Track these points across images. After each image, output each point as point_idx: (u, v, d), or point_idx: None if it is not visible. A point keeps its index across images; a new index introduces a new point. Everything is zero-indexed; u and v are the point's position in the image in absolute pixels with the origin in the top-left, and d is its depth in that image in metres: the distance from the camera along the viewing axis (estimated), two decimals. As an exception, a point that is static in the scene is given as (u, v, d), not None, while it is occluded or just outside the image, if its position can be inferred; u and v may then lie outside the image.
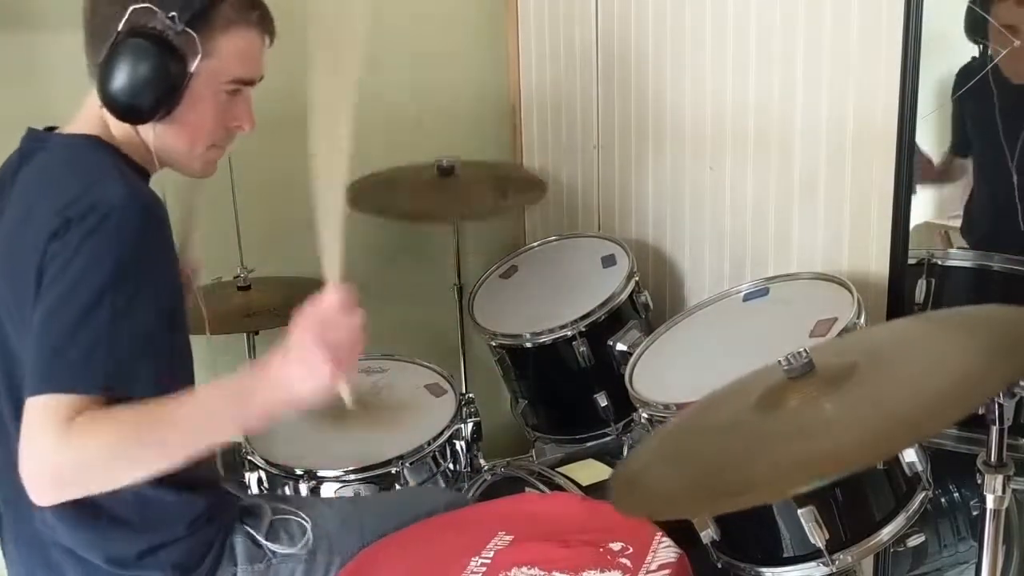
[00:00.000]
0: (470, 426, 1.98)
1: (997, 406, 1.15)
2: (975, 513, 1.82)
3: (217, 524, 1.45)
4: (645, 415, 1.72)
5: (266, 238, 2.41)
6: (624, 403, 1.91)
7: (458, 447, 1.97)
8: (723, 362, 1.73)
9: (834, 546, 1.46)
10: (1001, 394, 1.13)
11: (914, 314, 1.77)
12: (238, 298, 2.22)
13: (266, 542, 1.48)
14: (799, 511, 1.45)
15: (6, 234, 1.35)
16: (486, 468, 1.99)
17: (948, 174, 1.86)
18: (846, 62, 1.84)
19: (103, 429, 1.20)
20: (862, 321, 1.65)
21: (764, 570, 1.56)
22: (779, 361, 1.27)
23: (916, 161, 1.75)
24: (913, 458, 1.47)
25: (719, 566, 1.61)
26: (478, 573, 1.38)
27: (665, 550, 1.40)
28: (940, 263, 1.80)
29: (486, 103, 2.76)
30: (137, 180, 1.36)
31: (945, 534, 1.86)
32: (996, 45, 1.68)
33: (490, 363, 2.31)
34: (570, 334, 2.07)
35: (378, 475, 1.84)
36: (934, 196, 1.87)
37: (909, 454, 1.47)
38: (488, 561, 1.40)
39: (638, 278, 2.16)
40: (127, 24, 1.30)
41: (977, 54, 1.73)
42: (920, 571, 1.86)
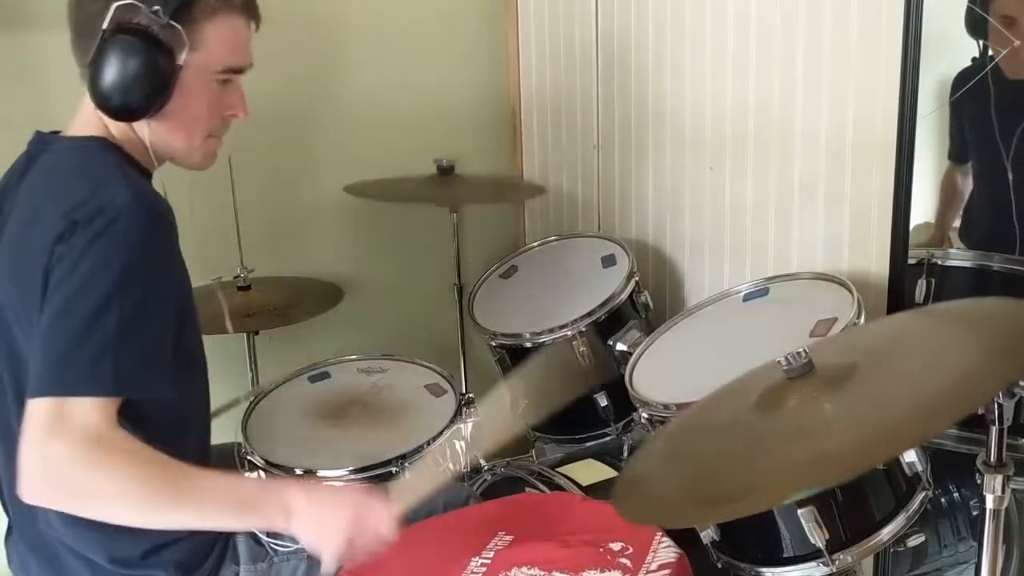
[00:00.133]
0: (470, 426, 1.98)
1: (997, 406, 1.15)
2: (975, 513, 1.82)
3: (219, 524, 1.45)
4: (645, 415, 1.72)
5: (266, 238, 2.41)
6: (624, 403, 1.91)
7: (458, 447, 1.96)
8: (723, 362, 1.73)
9: (834, 546, 1.46)
10: (1001, 394, 1.13)
11: (914, 308, 1.77)
12: (238, 298, 2.22)
13: (268, 540, 1.48)
14: (799, 511, 1.45)
15: (13, 237, 1.35)
16: (486, 468, 1.99)
17: (951, 185, 1.86)
18: (846, 63, 1.84)
19: (121, 458, 1.21)
20: (862, 321, 1.65)
21: (764, 570, 1.56)
22: (779, 361, 1.27)
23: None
24: (913, 458, 1.47)
25: (719, 566, 1.61)
26: (478, 573, 1.38)
27: (665, 550, 1.40)
28: (940, 263, 1.80)
29: (486, 104, 2.76)
30: (142, 182, 1.36)
31: (945, 534, 1.86)
32: (996, 45, 1.68)
33: (490, 363, 2.31)
34: (570, 334, 2.07)
35: (378, 475, 1.84)
36: (934, 196, 1.88)
37: (909, 454, 1.47)
38: (488, 561, 1.40)
39: (638, 278, 2.16)
40: (112, 22, 1.29)
41: (977, 54, 1.73)
42: (920, 571, 1.86)
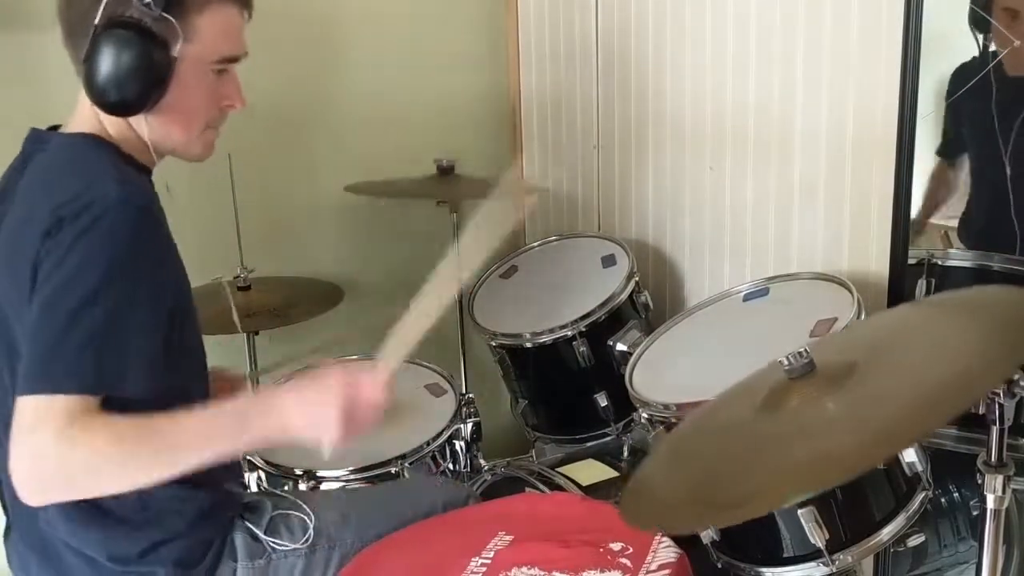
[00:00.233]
0: (470, 426, 1.98)
1: (997, 406, 1.15)
2: (975, 513, 1.82)
3: (218, 521, 1.45)
4: (645, 415, 1.72)
5: (266, 238, 2.41)
6: (624, 403, 1.91)
7: (458, 447, 1.96)
8: (723, 362, 1.73)
9: (834, 546, 1.46)
10: (1002, 394, 1.13)
11: (915, 300, 1.77)
12: (238, 298, 2.22)
13: (266, 537, 1.48)
14: (799, 511, 1.45)
15: (9, 233, 1.35)
16: (486, 468, 1.99)
17: (938, 180, 1.86)
18: (846, 62, 1.84)
19: (100, 435, 1.21)
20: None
21: (764, 570, 1.56)
22: (780, 361, 1.27)
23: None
24: (913, 458, 1.47)
25: (719, 566, 1.61)
26: (478, 573, 1.38)
27: (665, 550, 1.40)
28: (940, 263, 1.80)
29: (486, 104, 2.76)
30: (135, 179, 1.35)
31: (945, 534, 1.86)
32: (998, 40, 1.68)
33: (490, 363, 2.31)
34: (570, 334, 2.07)
35: (378, 475, 1.84)
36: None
37: (909, 454, 1.47)
38: (488, 561, 1.40)
39: (638, 278, 2.16)
40: (103, 17, 1.28)
41: (977, 53, 1.73)
42: (920, 571, 1.86)
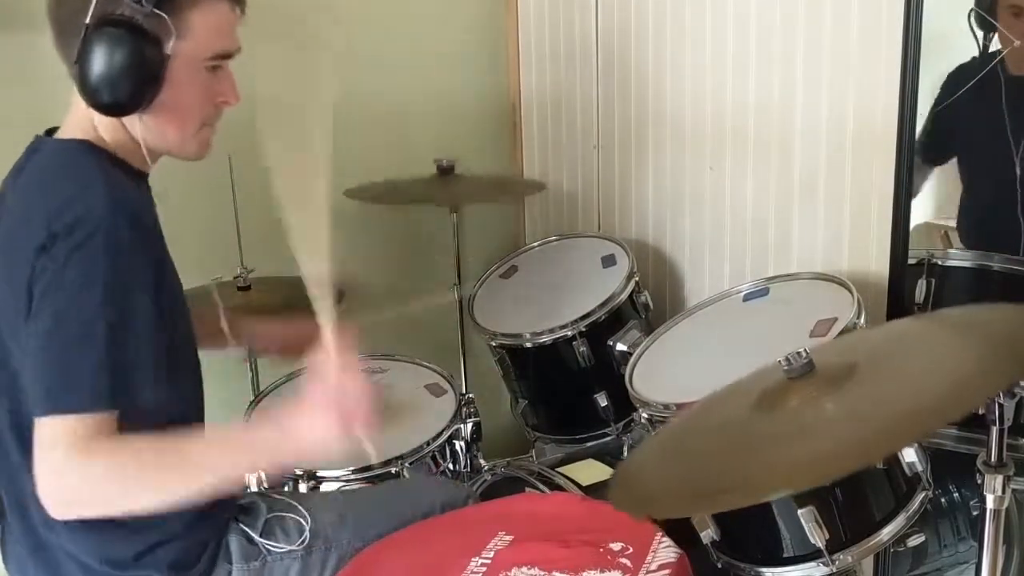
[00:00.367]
0: (470, 426, 1.98)
1: (997, 406, 1.15)
2: (975, 513, 1.82)
3: (213, 523, 1.45)
4: (645, 415, 1.72)
5: (266, 238, 2.40)
6: (624, 403, 1.91)
7: (458, 447, 1.96)
8: (723, 362, 1.73)
9: (834, 546, 1.46)
10: (1001, 394, 1.13)
11: (914, 314, 1.77)
12: (238, 298, 2.22)
13: (261, 540, 1.47)
14: (799, 511, 1.45)
15: (5, 239, 1.34)
16: (486, 468, 1.99)
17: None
18: (846, 62, 1.84)
19: (122, 456, 1.23)
20: (862, 321, 1.65)
21: (764, 570, 1.56)
22: (779, 361, 1.27)
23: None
24: (913, 458, 1.47)
25: (719, 566, 1.61)
26: (478, 573, 1.38)
27: (665, 550, 1.39)
28: (940, 263, 1.80)
29: (486, 103, 2.76)
30: (125, 185, 1.33)
31: (945, 534, 1.86)
32: (1001, 40, 1.67)
33: (490, 363, 2.31)
34: (570, 334, 2.07)
35: (378, 475, 1.84)
36: (934, 196, 1.87)
37: (909, 454, 1.47)
38: (488, 561, 1.40)
39: (638, 278, 2.16)
40: (94, 15, 1.26)
41: (977, 53, 1.73)
42: (920, 571, 1.86)
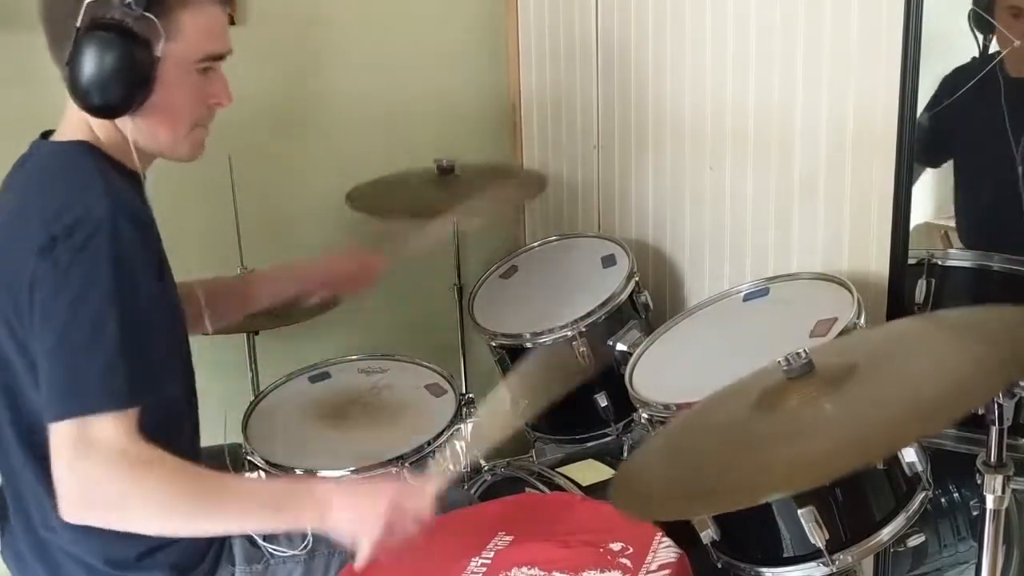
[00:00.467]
0: (470, 426, 1.98)
1: (997, 406, 1.15)
2: (975, 513, 1.82)
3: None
4: (645, 415, 1.72)
5: (266, 238, 2.41)
6: (624, 403, 1.90)
7: (458, 447, 1.96)
8: (723, 362, 1.73)
9: (834, 546, 1.46)
10: (1001, 394, 1.13)
11: (914, 315, 1.77)
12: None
13: (264, 543, 1.47)
14: (799, 511, 1.45)
15: (1, 243, 1.34)
16: (486, 468, 1.99)
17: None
18: (846, 62, 1.84)
19: (152, 473, 1.24)
20: (862, 321, 1.64)
21: (764, 570, 1.56)
22: (779, 361, 1.27)
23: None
24: (913, 458, 1.47)
25: (719, 566, 1.61)
26: (478, 573, 1.38)
27: (665, 550, 1.39)
28: (940, 263, 1.80)
29: (486, 103, 2.76)
30: (121, 186, 1.34)
31: (945, 534, 1.86)
32: (1000, 41, 1.67)
33: (490, 363, 2.31)
34: (570, 334, 2.07)
35: (378, 475, 1.84)
36: (934, 196, 1.87)
37: (909, 454, 1.47)
38: (488, 561, 1.40)
39: (638, 278, 2.16)
40: (85, 19, 1.27)
41: (977, 53, 1.73)
42: (920, 571, 1.86)
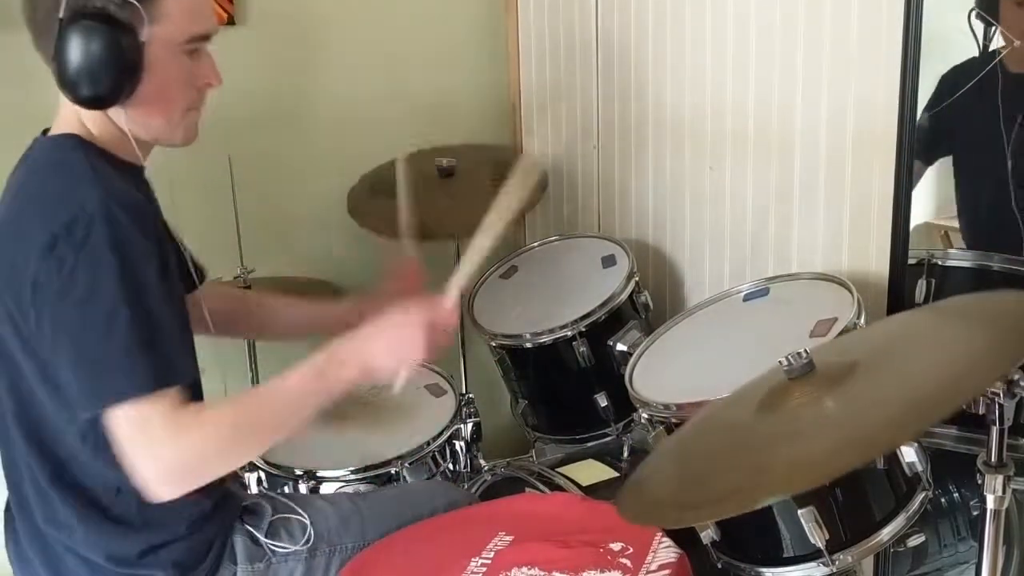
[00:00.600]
0: (470, 426, 1.98)
1: (997, 406, 1.15)
2: (975, 513, 1.82)
3: (218, 523, 1.45)
4: (645, 415, 1.72)
5: (266, 238, 2.41)
6: (624, 403, 1.91)
7: (458, 447, 1.96)
8: (723, 362, 1.73)
9: (834, 546, 1.46)
10: (1001, 394, 1.13)
11: (918, 306, 1.77)
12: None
13: (266, 540, 1.48)
14: (799, 511, 1.45)
15: (3, 237, 1.34)
16: (486, 468, 1.99)
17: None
18: (846, 62, 1.84)
19: (211, 419, 1.30)
20: (862, 321, 1.65)
21: (764, 570, 1.56)
22: (779, 361, 1.27)
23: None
24: (913, 458, 1.47)
25: (719, 566, 1.61)
26: (478, 573, 1.38)
27: (665, 550, 1.40)
28: (940, 263, 1.80)
29: (486, 103, 2.76)
30: (114, 175, 1.33)
31: (945, 534, 1.86)
32: (1005, 32, 1.68)
33: (490, 363, 2.31)
34: (570, 334, 2.07)
35: (378, 475, 1.84)
36: (934, 196, 1.88)
37: (909, 454, 1.47)
38: (488, 561, 1.40)
39: (638, 278, 2.16)
40: (67, 10, 1.26)
41: (977, 52, 1.73)
42: (920, 571, 1.86)
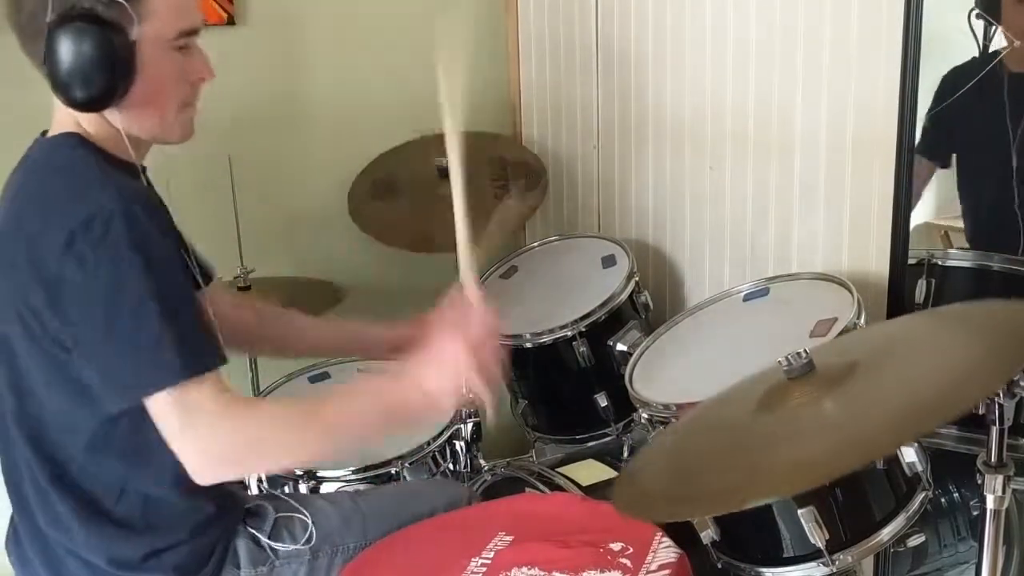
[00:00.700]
0: (470, 426, 1.98)
1: (997, 406, 1.15)
2: (975, 513, 1.82)
3: (221, 527, 1.45)
4: (645, 415, 1.72)
5: (266, 238, 2.41)
6: (624, 403, 1.91)
7: (458, 447, 1.96)
8: (723, 362, 1.73)
9: (834, 546, 1.46)
10: (1001, 394, 1.13)
11: (914, 308, 1.78)
12: (238, 299, 2.21)
13: (269, 542, 1.48)
14: (799, 511, 1.45)
15: (5, 243, 1.34)
16: (486, 468, 1.99)
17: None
18: (846, 62, 1.84)
19: (266, 412, 1.32)
20: (862, 321, 1.65)
21: (764, 570, 1.56)
22: (779, 361, 1.27)
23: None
24: (913, 458, 1.47)
25: (719, 566, 1.61)
26: (478, 573, 1.38)
27: (665, 550, 1.39)
28: (940, 263, 1.80)
29: (486, 103, 2.76)
30: (117, 175, 1.33)
31: (945, 534, 1.86)
32: (1007, 30, 1.68)
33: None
34: (570, 334, 2.07)
35: (378, 475, 1.84)
36: (934, 196, 1.88)
37: (909, 454, 1.47)
38: (488, 561, 1.40)
39: (638, 278, 2.16)
40: (54, 12, 1.25)
41: (977, 53, 1.73)
42: (920, 571, 1.86)
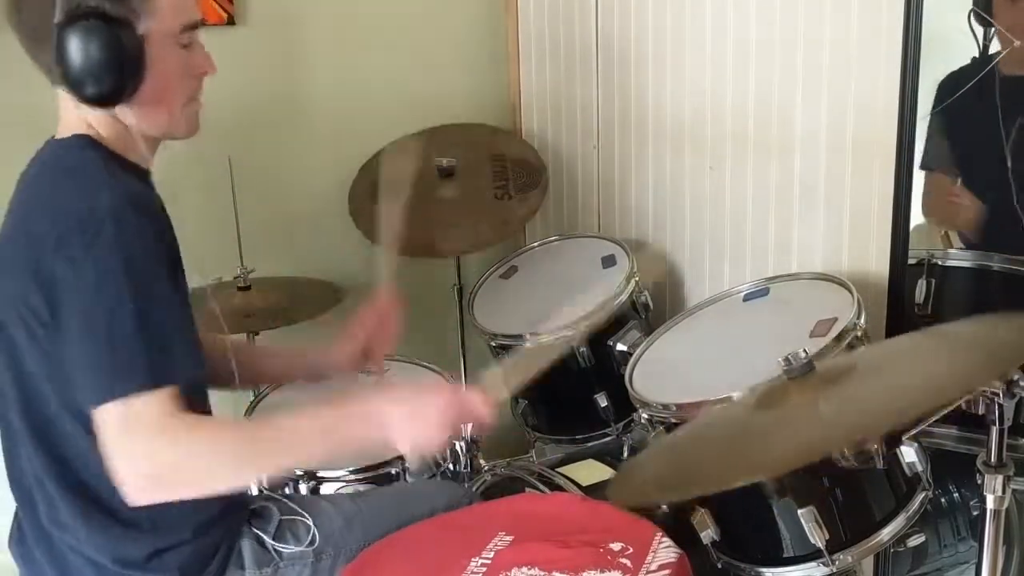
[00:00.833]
0: (470, 426, 1.98)
1: (997, 406, 1.15)
2: (975, 513, 1.82)
3: (225, 527, 1.45)
4: (645, 415, 1.72)
5: (266, 238, 2.41)
6: (624, 403, 1.90)
7: (458, 447, 1.96)
8: (723, 362, 1.73)
9: (834, 546, 1.47)
10: (1001, 394, 1.14)
11: (920, 328, 1.77)
12: (238, 298, 2.22)
13: (273, 543, 1.48)
14: (799, 511, 1.45)
15: (12, 241, 1.35)
16: (486, 468, 1.99)
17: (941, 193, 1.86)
18: (846, 62, 1.84)
19: (204, 432, 1.28)
20: (862, 321, 1.64)
21: (764, 570, 1.56)
22: (779, 361, 1.27)
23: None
24: (913, 458, 1.47)
25: (719, 566, 1.61)
26: (478, 573, 1.38)
27: (665, 550, 1.39)
28: (940, 263, 1.80)
29: (486, 103, 2.76)
30: (125, 177, 1.34)
31: (945, 534, 1.86)
32: (1004, 30, 1.68)
33: (490, 363, 2.31)
34: (570, 334, 2.07)
35: (378, 475, 1.84)
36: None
37: (909, 454, 1.47)
38: (488, 561, 1.40)
39: (638, 278, 2.16)
40: (62, 13, 1.25)
41: (977, 53, 1.73)
42: (920, 571, 1.86)
